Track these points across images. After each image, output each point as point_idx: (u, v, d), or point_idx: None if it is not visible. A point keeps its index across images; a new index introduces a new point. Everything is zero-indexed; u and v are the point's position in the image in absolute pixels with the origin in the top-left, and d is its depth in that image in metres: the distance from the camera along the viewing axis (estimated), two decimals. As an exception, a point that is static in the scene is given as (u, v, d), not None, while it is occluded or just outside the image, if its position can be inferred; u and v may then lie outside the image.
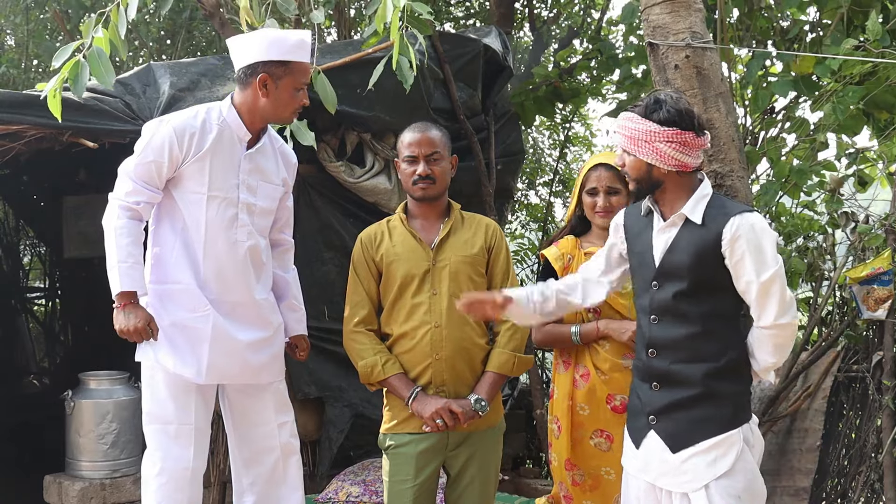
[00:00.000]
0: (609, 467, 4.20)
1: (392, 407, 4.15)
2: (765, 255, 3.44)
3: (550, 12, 10.00)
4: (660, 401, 3.60)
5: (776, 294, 3.44)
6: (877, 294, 5.62)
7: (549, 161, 11.00)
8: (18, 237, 10.45)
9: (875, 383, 5.76)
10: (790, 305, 3.47)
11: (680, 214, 3.57)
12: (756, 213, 3.55)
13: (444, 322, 4.03)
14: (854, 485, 5.85)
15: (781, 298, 3.44)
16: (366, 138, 6.14)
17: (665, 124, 3.49)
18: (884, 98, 6.24)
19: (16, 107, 4.98)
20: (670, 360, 3.58)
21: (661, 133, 3.48)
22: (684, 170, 3.54)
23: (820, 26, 7.11)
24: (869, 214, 5.95)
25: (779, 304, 3.45)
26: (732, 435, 3.50)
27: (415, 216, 4.23)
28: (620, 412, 4.14)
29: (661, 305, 3.61)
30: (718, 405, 3.53)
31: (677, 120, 3.50)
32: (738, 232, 3.44)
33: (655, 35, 5.24)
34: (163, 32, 9.98)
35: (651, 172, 3.56)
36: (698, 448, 3.51)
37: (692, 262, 3.52)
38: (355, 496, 5.41)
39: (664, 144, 3.49)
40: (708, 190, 3.59)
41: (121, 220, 4.06)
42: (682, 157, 3.51)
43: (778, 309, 3.45)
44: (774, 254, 3.46)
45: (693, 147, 3.52)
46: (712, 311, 3.55)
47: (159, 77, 5.61)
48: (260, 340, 4.27)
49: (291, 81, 4.12)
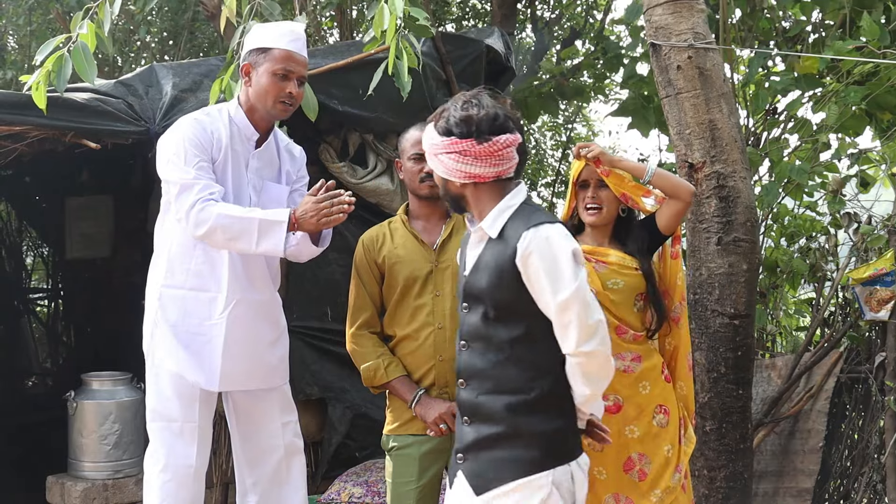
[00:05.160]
0: (601, 467, 4.18)
1: (395, 408, 4.14)
2: (560, 273, 3.10)
3: (552, 13, 10.00)
4: (468, 437, 3.28)
5: (575, 317, 3.10)
6: (879, 295, 5.63)
7: (551, 162, 11.01)
8: (21, 238, 10.45)
9: (878, 384, 5.76)
10: (594, 331, 3.12)
11: (479, 229, 3.29)
12: (555, 225, 3.18)
13: (448, 323, 4.02)
14: (857, 486, 5.85)
15: (581, 322, 3.10)
16: (368, 139, 6.14)
17: (443, 134, 3.20)
18: (886, 99, 6.24)
19: (18, 108, 4.97)
20: (478, 391, 3.26)
21: (441, 144, 3.21)
22: (480, 181, 3.22)
23: (822, 27, 7.11)
24: (871, 215, 5.95)
25: (579, 329, 3.11)
26: (538, 479, 3.13)
27: (417, 217, 4.22)
28: (613, 412, 4.13)
29: (470, 330, 3.30)
30: (526, 444, 3.16)
31: (453, 129, 3.18)
32: (530, 247, 3.11)
33: (658, 35, 5.24)
34: (165, 33, 9.99)
35: (447, 187, 3.31)
36: (500, 491, 3.16)
37: (493, 281, 3.20)
38: (358, 497, 5.41)
39: (445, 156, 3.20)
40: (515, 200, 3.25)
41: (216, 206, 3.94)
42: (467, 167, 3.19)
43: (578, 334, 3.11)
44: (573, 272, 3.11)
45: (478, 156, 3.17)
46: (521, 336, 3.19)
47: (162, 78, 5.62)
48: (273, 340, 4.31)
49: (269, 66, 4.12)
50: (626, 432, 4.16)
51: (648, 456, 4.17)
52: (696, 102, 5.15)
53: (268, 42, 4.14)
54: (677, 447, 4.22)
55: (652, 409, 4.19)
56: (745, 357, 5.26)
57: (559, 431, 3.21)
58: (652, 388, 4.20)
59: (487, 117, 3.18)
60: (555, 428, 3.19)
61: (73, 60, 4.57)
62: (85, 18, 4.77)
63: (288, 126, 5.12)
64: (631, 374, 4.17)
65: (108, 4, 4.86)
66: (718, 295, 5.18)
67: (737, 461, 5.27)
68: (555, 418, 3.20)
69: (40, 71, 4.53)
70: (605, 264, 4.20)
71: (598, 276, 4.18)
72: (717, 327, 5.17)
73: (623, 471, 4.16)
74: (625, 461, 4.16)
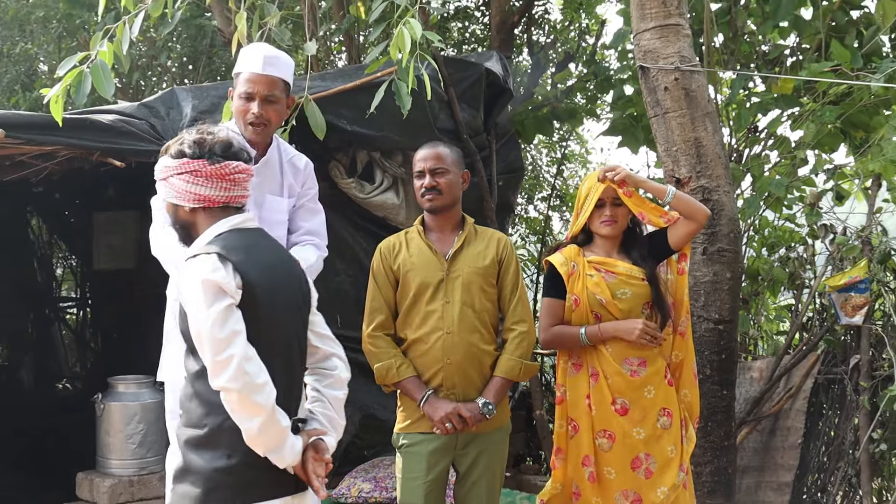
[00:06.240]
0: (610, 467, 4.19)
1: (406, 408, 4.14)
2: (194, 305, 2.83)
3: (548, 38, 10.01)
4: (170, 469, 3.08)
5: (206, 350, 2.80)
6: (854, 301, 5.62)
7: (546, 177, 10.98)
8: (52, 250, 10.46)
9: (853, 385, 5.74)
10: (224, 366, 2.76)
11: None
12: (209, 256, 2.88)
13: (456, 329, 4.02)
14: (833, 479, 5.83)
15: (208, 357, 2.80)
16: (375, 157, 6.14)
17: (176, 157, 3.01)
18: (859, 118, 6.26)
19: (49, 129, 4.97)
20: (180, 423, 3.03)
21: (173, 166, 3.00)
22: (210, 205, 3.02)
23: (799, 50, 7.11)
24: (846, 227, 5.94)
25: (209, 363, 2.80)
26: None
27: (431, 229, 4.22)
28: (621, 415, 4.17)
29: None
30: (193, 481, 2.88)
31: (186, 151, 3.00)
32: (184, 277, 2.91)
33: (646, 59, 5.24)
34: (185, 59, 9.99)
35: (177, 213, 3.08)
36: None
37: (180, 312, 2.96)
38: (367, 492, 5.40)
39: (176, 178, 2.99)
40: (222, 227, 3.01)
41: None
42: (198, 189, 2.98)
43: (210, 368, 2.80)
44: (204, 303, 2.80)
45: (209, 177, 2.98)
46: (199, 370, 2.90)
47: (182, 100, 5.61)
48: None
49: (237, 90, 4.12)
50: (633, 434, 4.17)
51: (654, 456, 4.18)
52: (683, 121, 5.15)
53: (238, 67, 4.16)
54: (680, 447, 4.23)
55: (656, 412, 4.20)
56: (729, 360, 5.26)
57: (230, 471, 2.86)
58: (656, 392, 4.20)
59: (221, 142, 3.03)
60: (225, 466, 2.86)
61: (91, 76, 4.56)
62: (104, 38, 4.78)
63: (299, 144, 5.11)
64: (637, 378, 4.18)
65: (127, 26, 4.87)
66: (704, 301, 5.18)
67: (721, 457, 5.26)
68: (223, 457, 2.87)
69: (59, 85, 4.52)
70: (614, 275, 4.21)
71: (608, 286, 4.18)
72: (702, 332, 5.16)
73: (631, 469, 4.18)
74: (632, 460, 4.18)
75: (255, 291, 2.88)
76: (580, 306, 4.25)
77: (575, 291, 4.25)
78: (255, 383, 2.78)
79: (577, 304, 4.25)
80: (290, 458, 2.91)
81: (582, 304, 4.24)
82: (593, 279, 4.22)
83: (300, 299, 3.14)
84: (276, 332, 2.97)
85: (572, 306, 4.26)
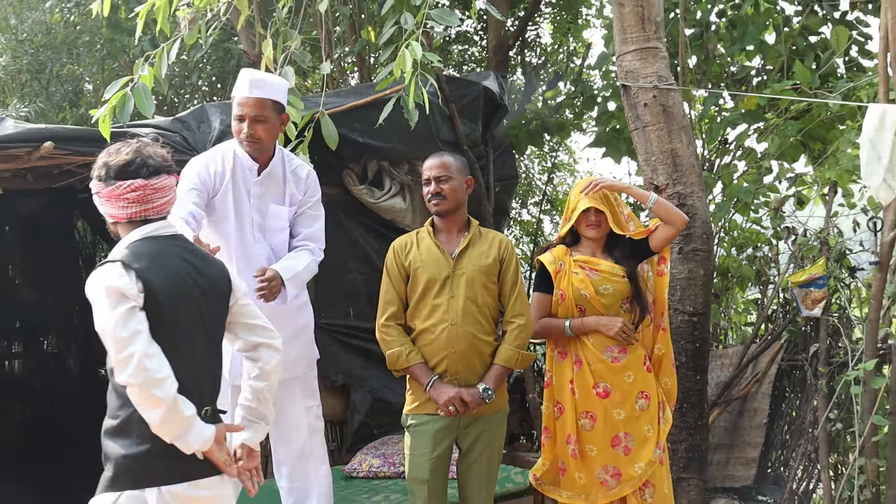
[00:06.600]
0: (592, 444, 4.19)
1: (414, 391, 4.13)
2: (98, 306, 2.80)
3: (539, 59, 10.01)
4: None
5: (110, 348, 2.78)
6: (813, 295, 5.60)
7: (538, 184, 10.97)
8: (95, 250, 10.44)
9: (812, 370, 5.72)
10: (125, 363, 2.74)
11: None
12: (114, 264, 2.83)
13: (459, 321, 4.00)
14: (794, 455, 5.81)
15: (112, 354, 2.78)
16: (384, 165, 6.13)
17: (93, 180, 2.96)
18: (817, 131, 6.28)
19: (94, 141, 4.94)
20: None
21: (93, 189, 2.95)
22: (118, 220, 2.95)
23: (764, 71, 7.12)
24: (807, 229, 5.93)
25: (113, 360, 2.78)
26: (103, 498, 2.82)
27: (439, 230, 4.20)
28: (603, 397, 4.18)
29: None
30: (108, 467, 2.85)
31: (94, 173, 2.93)
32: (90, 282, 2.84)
33: (627, 78, 5.24)
34: (214, 78, 9.99)
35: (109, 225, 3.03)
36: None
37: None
38: (376, 467, 5.38)
39: (96, 197, 2.95)
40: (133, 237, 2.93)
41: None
42: (103, 208, 2.94)
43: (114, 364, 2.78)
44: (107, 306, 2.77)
45: (107, 197, 2.91)
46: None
47: (211, 115, 5.60)
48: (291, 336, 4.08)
49: (233, 112, 4.10)
50: (613, 414, 4.17)
51: (632, 434, 4.18)
52: (660, 134, 5.14)
53: (233, 92, 4.13)
54: (657, 427, 4.22)
55: (635, 395, 4.20)
56: (702, 348, 5.25)
57: (136, 458, 2.81)
58: (636, 377, 4.20)
59: (119, 163, 2.89)
60: (132, 453, 2.81)
61: (134, 98, 4.57)
62: (145, 63, 4.79)
63: (316, 154, 5.10)
64: (618, 364, 4.18)
65: (166, 52, 4.87)
66: (680, 296, 5.17)
67: (695, 435, 5.25)
68: (133, 444, 2.82)
69: (106, 106, 4.54)
70: (597, 272, 4.22)
71: (592, 283, 4.19)
72: (678, 323, 5.15)
73: (611, 446, 4.18)
74: (612, 438, 4.18)
75: (156, 295, 2.82)
76: (566, 300, 4.25)
77: (561, 287, 4.26)
78: (155, 378, 2.74)
79: (563, 298, 4.26)
80: (197, 444, 2.85)
81: (567, 299, 4.25)
82: (578, 276, 4.22)
83: (213, 296, 3.03)
84: (178, 330, 2.89)
85: (559, 300, 4.28)
